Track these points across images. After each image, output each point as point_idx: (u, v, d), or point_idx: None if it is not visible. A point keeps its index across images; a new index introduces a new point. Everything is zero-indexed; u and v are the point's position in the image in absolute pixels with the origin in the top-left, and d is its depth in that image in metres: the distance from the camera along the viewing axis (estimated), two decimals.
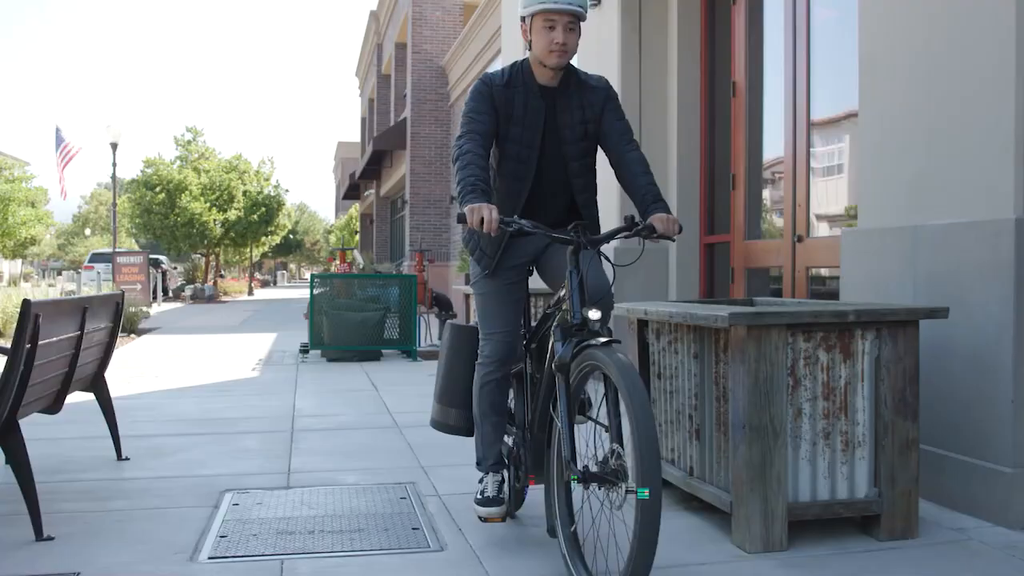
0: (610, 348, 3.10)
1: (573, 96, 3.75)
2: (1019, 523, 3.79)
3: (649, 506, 2.77)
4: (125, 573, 3.35)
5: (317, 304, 11.33)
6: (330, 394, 8.20)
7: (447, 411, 4.11)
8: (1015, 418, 3.80)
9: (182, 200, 35.29)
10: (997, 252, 3.86)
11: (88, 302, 4.61)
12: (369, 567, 3.44)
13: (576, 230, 3.42)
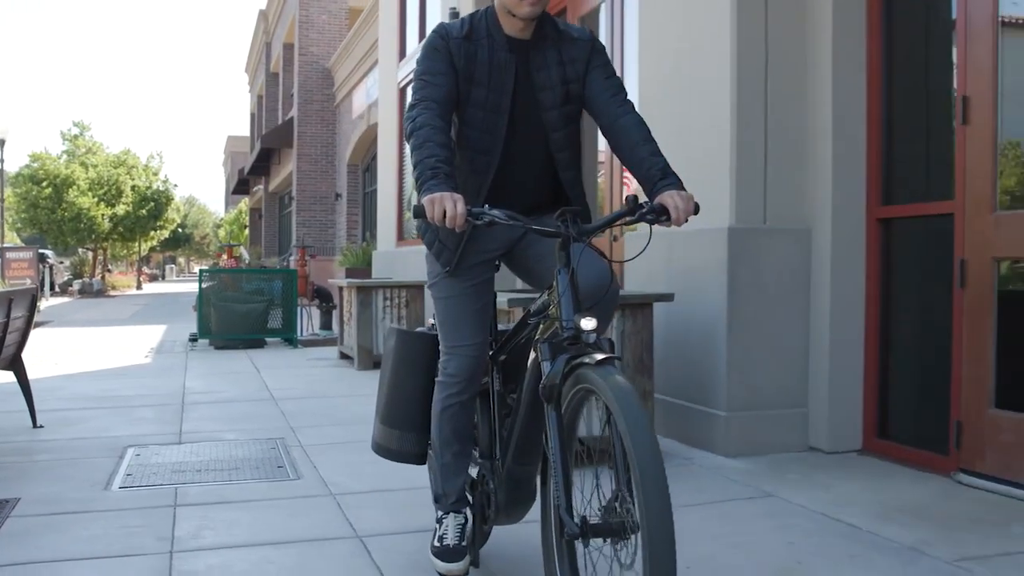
0: (606, 367, 2.47)
1: (550, 51, 3.11)
2: (730, 452, 5.13)
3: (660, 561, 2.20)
4: (56, 498, 4.44)
5: (205, 297, 12.34)
6: (217, 376, 9.26)
7: (393, 434, 3.48)
8: (728, 376, 5.14)
9: (69, 195, 35.40)
10: (718, 252, 5.19)
11: (12, 294, 5.66)
12: (242, 489, 4.60)
13: (563, 218, 2.76)
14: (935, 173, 4.85)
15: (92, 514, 4.13)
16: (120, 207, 37.21)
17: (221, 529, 3.91)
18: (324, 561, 3.50)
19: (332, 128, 25.15)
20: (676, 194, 2.79)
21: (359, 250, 16.18)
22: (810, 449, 5.27)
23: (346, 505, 4.27)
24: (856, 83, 5.17)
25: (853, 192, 5.18)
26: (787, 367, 5.27)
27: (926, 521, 3.91)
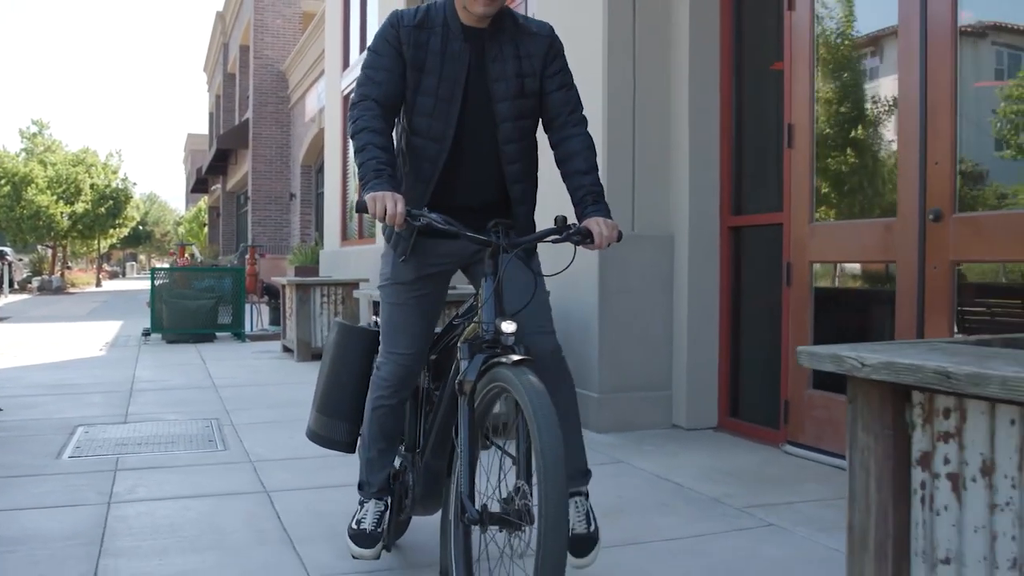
0: (521, 368, 2.62)
1: (507, 43, 3.10)
2: (602, 429, 5.94)
3: (551, 553, 2.36)
4: (13, 464, 5.17)
5: (158, 293, 13.03)
6: (165, 367, 9.99)
7: (328, 423, 3.60)
8: (599, 363, 5.95)
9: (28, 193, 35.77)
10: (590, 256, 6.00)
11: None
12: (175, 457, 5.36)
13: (496, 229, 2.90)
14: (771, 188, 5.68)
15: (44, 476, 4.89)
16: (79, 205, 37.58)
17: (152, 487, 4.67)
18: (233, 507, 4.28)
19: (287, 130, 25.81)
20: (602, 221, 2.95)
21: (308, 249, 16.88)
22: (673, 427, 6.10)
23: (261, 469, 5.05)
24: (711, 110, 6.00)
25: (708, 204, 6.01)
26: (652, 355, 6.09)
27: (739, 480, 4.74)
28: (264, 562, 3.52)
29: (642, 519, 4.06)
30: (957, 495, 1.92)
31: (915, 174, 4.49)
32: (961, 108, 4.33)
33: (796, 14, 5.32)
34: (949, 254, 4.36)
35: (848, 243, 5.05)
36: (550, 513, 2.37)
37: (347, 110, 11.78)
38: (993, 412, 1.83)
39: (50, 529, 3.93)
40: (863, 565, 2.12)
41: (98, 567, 3.46)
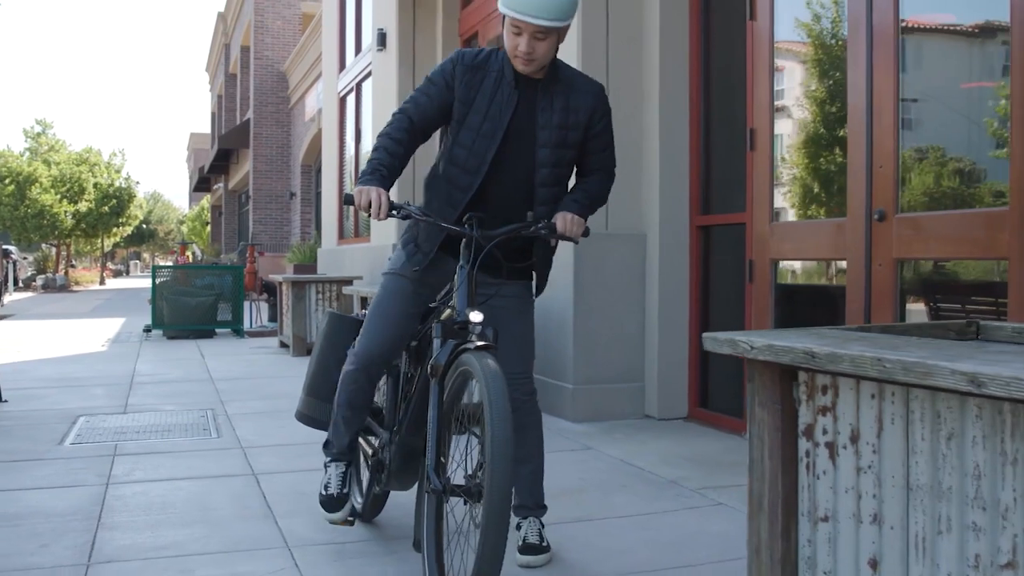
0: (482, 352, 2.89)
1: (558, 95, 3.35)
2: (576, 419, 6.24)
3: (494, 522, 2.63)
4: (18, 450, 5.48)
5: (159, 291, 13.35)
6: (165, 361, 10.31)
7: (315, 404, 3.87)
8: (574, 356, 6.26)
9: (32, 192, 36.14)
10: (566, 253, 6.30)
11: None
12: (172, 444, 5.67)
13: (470, 222, 3.18)
14: (736, 189, 5.97)
15: (47, 461, 5.20)
16: (83, 204, 37.93)
17: (148, 470, 4.99)
18: (222, 487, 4.60)
19: (287, 129, 26.14)
20: (567, 214, 3.28)
21: (306, 247, 17.18)
22: (645, 417, 6.40)
23: (251, 454, 5.36)
24: (680, 115, 6.30)
25: (678, 204, 6.32)
26: (626, 348, 6.40)
27: (697, 465, 5.04)
28: (247, 534, 3.83)
29: (600, 498, 4.37)
30: (833, 461, 2.23)
31: (862, 176, 4.79)
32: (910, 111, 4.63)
33: (757, 24, 5.61)
34: (893, 252, 4.66)
35: (804, 242, 5.35)
36: (495, 485, 2.65)
37: (343, 111, 12.09)
38: (858, 388, 2.14)
39: (52, 507, 4.25)
40: (759, 525, 2.42)
41: (95, 538, 3.77)
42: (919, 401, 1.96)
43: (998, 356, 1.86)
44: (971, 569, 1.87)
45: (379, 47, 11.09)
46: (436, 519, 3.10)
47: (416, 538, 3.18)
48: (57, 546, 3.68)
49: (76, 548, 3.65)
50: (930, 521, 1.96)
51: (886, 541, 2.08)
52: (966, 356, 1.85)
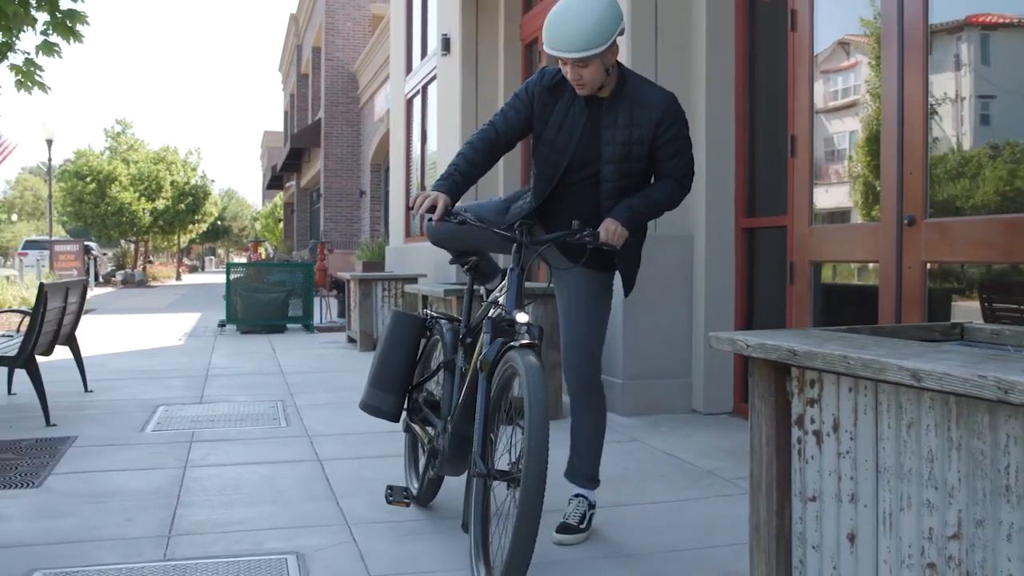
0: (525, 349, 3.17)
1: (623, 111, 3.58)
2: (626, 413, 6.54)
3: (529, 505, 2.90)
4: (103, 437, 5.94)
5: (233, 287, 13.90)
6: (238, 355, 10.80)
7: (378, 395, 4.07)
8: (624, 352, 6.56)
9: (112, 190, 37.21)
10: None
11: (69, 285, 7.18)
12: (243, 432, 6.09)
13: (520, 228, 3.52)
14: (778, 193, 6.22)
15: (130, 446, 5.65)
16: (160, 202, 38.94)
17: (222, 455, 5.40)
18: (290, 471, 4.98)
19: (357, 129, 26.69)
20: (612, 224, 3.52)
21: (375, 245, 17.65)
22: (692, 411, 6.67)
23: (316, 442, 5.75)
24: (726, 122, 6.56)
25: (724, 207, 6.58)
26: (673, 345, 6.68)
27: (735, 457, 5.31)
28: (311, 512, 4.21)
29: (639, 486, 4.67)
30: (819, 447, 2.52)
31: (893, 183, 5.02)
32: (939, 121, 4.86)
33: (798, 34, 5.86)
34: (921, 255, 4.89)
35: (841, 244, 5.59)
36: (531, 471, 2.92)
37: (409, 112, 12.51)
38: (839, 383, 2.42)
39: (136, 486, 4.67)
40: (758, 504, 2.72)
41: (175, 514, 4.17)
42: (886, 394, 2.25)
43: (943, 355, 2.14)
44: (926, 540, 2.15)
45: (443, 52, 11.46)
46: (483, 502, 3.32)
47: (465, 520, 3.41)
48: (141, 520, 4.09)
49: (158, 522, 4.06)
50: (895, 499, 2.24)
51: (861, 517, 2.37)
52: (915, 355, 2.13)
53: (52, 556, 3.63)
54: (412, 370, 4.12)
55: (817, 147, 5.81)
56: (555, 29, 3.46)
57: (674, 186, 3.74)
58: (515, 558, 2.92)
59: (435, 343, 4.25)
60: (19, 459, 5.30)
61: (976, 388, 1.85)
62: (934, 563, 2.12)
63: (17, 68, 5.16)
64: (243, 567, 3.48)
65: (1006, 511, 1.93)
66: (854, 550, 2.39)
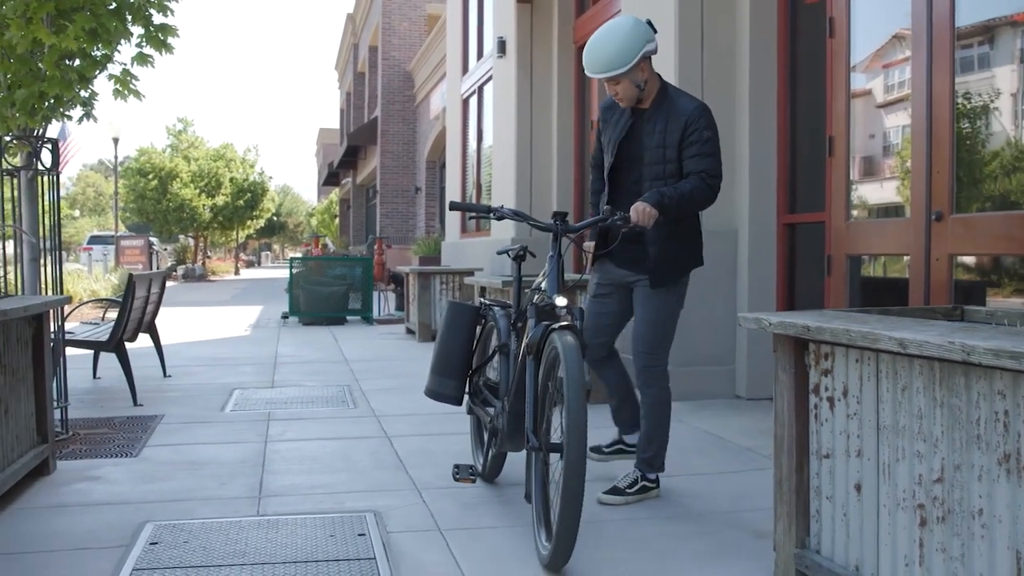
0: (564, 331, 3.48)
1: (659, 120, 4.15)
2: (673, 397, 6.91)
3: (573, 474, 3.20)
4: (187, 416, 6.45)
5: (295, 281, 14.47)
6: (303, 345, 11.33)
7: (440, 381, 4.40)
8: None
9: (173, 187, 38.11)
10: None
11: (152, 276, 7.72)
12: (315, 412, 6.57)
13: (555, 218, 3.90)
14: (817, 190, 6.57)
15: (213, 423, 6.15)
16: (219, 198, 39.77)
17: (298, 431, 5.88)
18: (362, 446, 5.45)
19: (412, 126, 27.23)
20: (641, 204, 3.92)
21: (431, 240, 18.17)
22: (735, 397, 7.05)
23: (384, 421, 6.21)
24: (768, 123, 6.92)
25: (766, 203, 6.95)
26: (718, 334, 7.06)
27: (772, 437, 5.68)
28: (383, 479, 4.67)
29: (681, 460, 5.07)
30: (832, 411, 2.91)
31: (922, 181, 5.37)
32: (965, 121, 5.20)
33: (835, 40, 6.21)
34: (948, 248, 5.23)
35: (874, 239, 5.94)
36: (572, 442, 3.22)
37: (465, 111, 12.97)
38: (847, 355, 2.82)
39: (224, 457, 5.16)
40: (781, 461, 3.12)
41: (262, 480, 4.65)
42: (885, 363, 2.64)
43: (928, 328, 2.53)
44: (916, 485, 2.55)
45: (499, 54, 11.90)
46: (542, 474, 3.62)
47: (527, 491, 3.70)
48: (233, 484, 4.57)
49: (248, 486, 4.54)
50: (892, 451, 2.64)
51: (865, 469, 2.76)
52: (904, 328, 2.53)
53: (160, 511, 4.12)
54: (471, 356, 4.45)
55: (853, 147, 6.15)
56: (588, 55, 4.15)
57: (699, 183, 4.08)
58: (565, 517, 3.21)
59: (491, 329, 4.55)
60: (115, 433, 5.82)
61: (947, 352, 2.24)
62: (923, 503, 2.52)
63: (116, 78, 5.64)
64: (328, 521, 3.95)
65: (977, 456, 2.32)
66: (860, 498, 2.79)
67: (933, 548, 2.48)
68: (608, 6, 9.26)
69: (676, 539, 3.77)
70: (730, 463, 5.05)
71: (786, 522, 3.10)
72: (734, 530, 3.87)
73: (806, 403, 3.03)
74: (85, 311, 14.14)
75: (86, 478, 4.74)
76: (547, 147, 11.21)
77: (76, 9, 5.35)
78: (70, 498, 4.38)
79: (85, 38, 5.40)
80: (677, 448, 5.33)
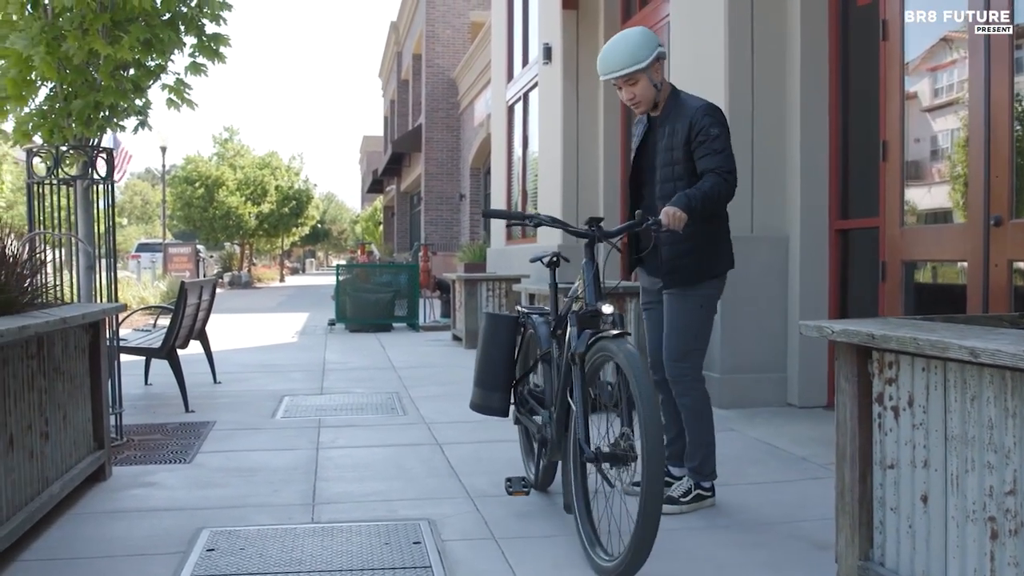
0: (621, 340, 3.46)
1: (667, 124, 4.24)
2: (723, 405, 6.86)
3: (653, 491, 3.15)
4: (239, 422, 6.48)
5: (342, 288, 14.54)
6: (350, 351, 11.37)
7: (485, 394, 4.42)
8: (721, 347, 6.89)
9: (219, 195, 38.47)
10: None
11: (203, 283, 7.78)
12: (365, 420, 6.58)
13: (591, 224, 3.93)
14: (870, 195, 6.49)
15: (264, 430, 6.18)
16: (265, 206, 40.07)
17: (349, 438, 5.90)
18: (413, 453, 5.45)
19: (456, 134, 27.30)
20: (670, 208, 3.89)
21: (476, 247, 18.17)
22: (787, 405, 6.97)
23: (434, 428, 6.21)
24: (820, 127, 6.85)
25: (818, 209, 6.87)
26: (769, 341, 6.99)
27: (829, 446, 5.58)
28: (436, 487, 4.67)
29: (735, 469, 5.02)
30: (896, 420, 2.86)
31: (980, 185, 5.28)
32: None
33: (889, 43, 6.13)
34: (1008, 254, 5.14)
35: (930, 245, 5.85)
36: (650, 446, 3.16)
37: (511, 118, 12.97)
38: (913, 364, 2.77)
39: (276, 464, 5.19)
40: (843, 471, 3.07)
41: (315, 487, 4.67)
42: (953, 372, 2.59)
43: (999, 337, 2.48)
44: (987, 497, 2.49)
45: (545, 60, 11.89)
46: (583, 483, 3.69)
47: (566, 501, 3.76)
48: (286, 491, 4.59)
49: (301, 493, 4.55)
50: (960, 462, 2.59)
51: (932, 480, 2.71)
52: (974, 336, 2.48)
53: (215, 518, 4.14)
54: (513, 366, 4.45)
55: (907, 151, 6.07)
56: (605, 58, 4.23)
57: (716, 179, 4.04)
58: (643, 532, 3.18)
59: (531, 337, 4.55)
60: (168, 439, 5.86)
61: (1021, 361, 2.19)
62: (994, 516, 2.46)
63: (170, 87, 5.69)
64: (382, 529, 3.95)
65: None
66: (927, 510, 2.73)
67: (1004, 562, 2.43)
68: (656, 10, 9.22)
69: (735, 549, 3.73)
70: (785, 472, 4.99)
71: (849, 533, 3.06)
72: (794, 541, 3.82)
73: (869, 412, 2.98)
74: (135, 318, 14.27)
75: (142, 484, 4.77)
76: (593, 153, 11.18)
77: (131, 20, 5.42)
78: (127, 504, 4.42)
79: (139, 48, 5.47)
80: (730, 457, 5.28)
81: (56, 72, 5.36)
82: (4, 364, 3.59)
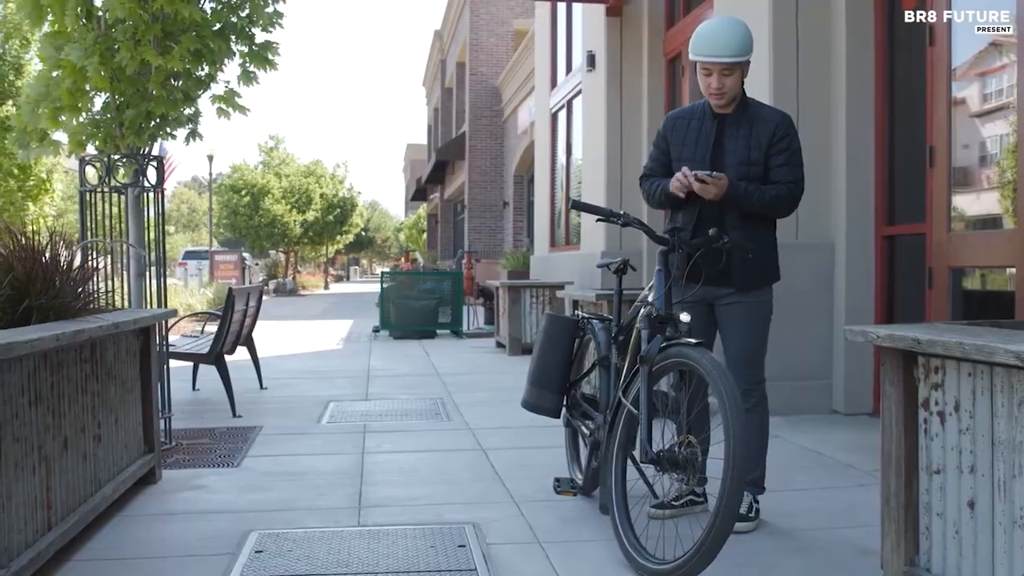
0: (700, 348, 3.47)
1: (743, 127, 4.09)
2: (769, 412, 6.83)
3: (732, 503, 3.13)
4: (285, 427, 6.56)
5: (386, 295, 14.65)
6: (394, 358, 11.44)
7: (538, 393, 4.45)
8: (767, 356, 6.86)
9: (265, 203, 38.88)
10: None
11: (250, 290, 7.88)
12: (409, 425, 6.63)
13: (672, 233, 3.91)
14: (917, 202, 6.45)
15: (311, 435, 6.25)
16: (310, 213, 40.46)
17: (395, 443, 5.95)
18: (458, 459, 5.49)
19: (500, 142, 27.37)
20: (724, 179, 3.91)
21: (520, 254, 18.23)
22: (832, 412, 6.93)
23: (478, 434, 6.25)
24: (865, 133, 6.81)
25: (864, 215, 6.83)
26: (815, 348, 6.95)
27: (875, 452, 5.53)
28: (481, 492, 4.70)
29: (781, 476, 4.99)
30: (943, 425, 2.85)
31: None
32: None
33: (935, 49, 6.09)
34: None
35: (978, 251, 5.81)
36: (738, 453, 3.14)
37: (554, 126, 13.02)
38: (959, 369, 2.76)
39: (322, 468, 5.24)
40: (889, 476, 3.07)
41: (361, 491, 4.71)
42: (1000, 377, 2.58)
43: None
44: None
45: (588, 68, 11.91)
46: (622, 486, 3.71)
47: (602, 502, 3.77)
48: (333, 495, 4.64)
49: (348, 496, 4.60)
50: (1008, 468, 2.58)
51: (979, 486, 2.70)
52: (1021, 341, 2.47)
53: (263, 520, 4.20)
54: (569, 368, 4.47)
55: (955, 157, 6.03)
56: (708, 39, 4.03)
57: (785, 192, 4.06)
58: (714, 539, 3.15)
59: (588, 342, 4.55)
60: (216, 444, 5.94)
61: None
62: None
63: (219, 97, 5.78)
64: (428, 532, 3.99)
65: None
66: (973, 515, 2.72)
67: None
68: (699, 17, 9.21)
69: (781, 555, 3.73)
70: (831, 479, 4.97)
71: (894, 539, 3.05)
72: (839, 547, 3.81)
73: (915, 417, 2.97)
74: (183, 324, 14.45)
75: (191, 487, 4.85)
76: (637, 160, 11.18)
77: (182, 31, 5.52)
78: (177, 506, 4.50)
79: (190, 58, 5.56)
80: (776, 464, 5.25)
81: (108, 83, 5.47)
82: (59, 368, 3.67)
